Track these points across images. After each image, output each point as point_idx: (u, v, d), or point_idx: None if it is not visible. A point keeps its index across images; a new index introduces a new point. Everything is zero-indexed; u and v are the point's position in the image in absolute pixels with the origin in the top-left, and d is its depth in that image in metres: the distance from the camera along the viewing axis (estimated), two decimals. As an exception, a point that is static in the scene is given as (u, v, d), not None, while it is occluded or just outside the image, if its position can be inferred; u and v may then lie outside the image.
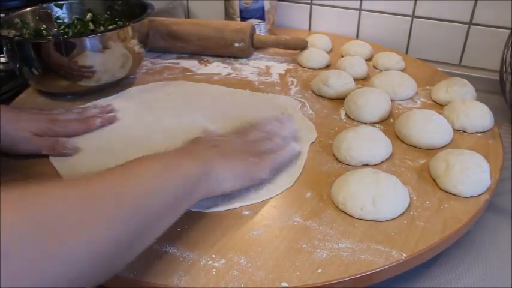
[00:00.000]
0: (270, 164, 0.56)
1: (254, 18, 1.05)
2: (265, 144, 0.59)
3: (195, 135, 0.68)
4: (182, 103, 0.79)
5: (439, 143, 0.66)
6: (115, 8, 0.93)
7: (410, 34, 1.03)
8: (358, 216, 0.52)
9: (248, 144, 0.58)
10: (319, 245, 0.49)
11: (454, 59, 1.00)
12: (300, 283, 0.44)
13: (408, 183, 0.58)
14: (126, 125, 0.73)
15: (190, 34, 0.97)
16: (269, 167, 0.56)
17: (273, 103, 0.79)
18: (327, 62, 0.94)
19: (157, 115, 0.75)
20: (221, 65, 0.95)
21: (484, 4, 0.92)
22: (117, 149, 0.66)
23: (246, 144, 0.57)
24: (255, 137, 0.59)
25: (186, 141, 0.56)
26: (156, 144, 0.66)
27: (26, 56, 0.75)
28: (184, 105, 0.78)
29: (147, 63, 0.96)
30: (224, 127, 0.70)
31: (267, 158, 0.56)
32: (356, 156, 0.61)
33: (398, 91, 0.79)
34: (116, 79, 0.82)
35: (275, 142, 0.59)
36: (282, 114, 0.74)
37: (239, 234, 0.50)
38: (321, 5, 1.10)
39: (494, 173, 0.59)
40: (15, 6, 0.92)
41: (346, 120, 0.74)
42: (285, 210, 0.54)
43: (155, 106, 0.78)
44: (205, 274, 0.45)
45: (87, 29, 0.89)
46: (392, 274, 0.48)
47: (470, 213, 0.53)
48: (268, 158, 0.56)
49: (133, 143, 0.67)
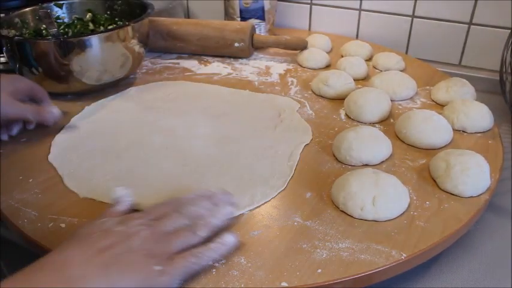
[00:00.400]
0: (181, 272, 0.42)
1: (254, 18, 1.05)
2: (184, 237, 0.44)
3: (195, 136, 0.68)
4: (182, 103, 0.79)
5: (439, 143, 0.66)
6: (115, 8, 0.93)
7: (410, 34, 1.03)
8: (358, 216, 0.52)
9: (158, 238, 0.43)
10: (319, 245, 0.49)
11: (454, 59, 1.00)
12: (300, 283, 0.44)
13: (408, 183, 0.58)
14: (126, 125, 0.73)
15: (190, 34, 0.97)
16: (179, 276, 0.42)
17: (272, 103, 0.79)
18: (327, 62, 0.94)
19: (158, 115, 0.75)
20: (221, 65, 0.95)
21: (484, 4, 0.92)
22: (117, 149, 0.66)
23: (154, 239, 0.43)
24: (173, 225, 0.45)
25: (75, 233, 0.43)
26: (156, 145, 0.67)
27: (26, 56, 0.75)
28: (184, 106, 0.78)
29: (147, 63, 0.96)
30: (223, 127, 0.71)
31: (179, 262, 0.42)
32: (356, 156, 0.61)
33: (398, 91, 0.79)
34: (116, 79, 0.82)
35: (198, 235, 0.45)
36: (280, 116, 0.74)
37: (239, 234, 0.50)
38: (321, 5, 1.10)
39: (494, 173, 0.59)
40: (15, 6, 0.92)
41: (346, 120, 0.74)
42: (285, 210, 0.54)
43: (155, 106, 0.78)
44: (205, 274, 0.45)
45: (87, 29, 0.89)
46: (392, 274, 0.48)
47: (470, 213, 0.53)
48: (181, 263, 0.42)
49: (133, 143, 0.67)
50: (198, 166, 0.62)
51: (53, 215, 0.53)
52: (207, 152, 0.65)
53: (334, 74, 0.81)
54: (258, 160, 0.63)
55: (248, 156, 0.64)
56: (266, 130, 0.71)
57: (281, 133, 0.70)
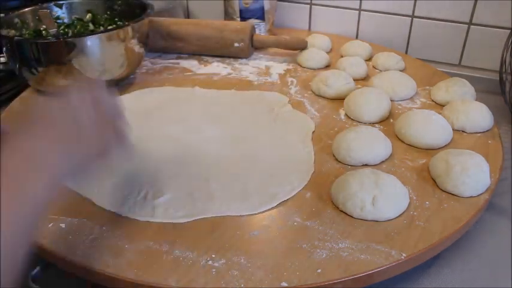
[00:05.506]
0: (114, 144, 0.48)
1: (254, 18, 1.05)
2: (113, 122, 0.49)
3: (206, 141, 0.67)
4: (174, 109, 0.77)
5: (439, 143, 0.66)
6: (115, 8, 0.93)
7: (410, 34, 1.03)
8: (358, 216, 0.52)
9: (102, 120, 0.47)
10: (319, 245, 0.49)
11: (454, 59, 1.00)
12: (299, 283, 0.44)
13: (408, 183, 0.58)
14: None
15: (190, 34, 0.97)
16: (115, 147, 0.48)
17: (261, 99, 0.80)
18: (327, 62, 0.94)
19: (156, 123, 0.73)
20: (221, 65, 0.95)
21: (484, 4, 0.92)
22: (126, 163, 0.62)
23: (101, 120, 0.47)
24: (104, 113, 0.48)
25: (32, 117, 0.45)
26: (171, 153, 0.65)
27: (25, 56, 0.75)
28: (177, 111, 0.76)
29: (147, 63, 0.96)
30: (227, 128, 0.71)
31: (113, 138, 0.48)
32: (356, 157, 0.61)
33: (398, 91, 0.79)
34: (115, 79, 0.82)
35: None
36: (273, 110, 0.75)
37: (239, 234, 0.50)
38: (320, 5, 1.10)
39: (494, 173, 0.59)
40: (15, 6, 0.91)
41: (346, 120, 0.74)
42: (285, 210, 0.54)
43: (149, 114, 0.75)
44: (205, 274, 0.45)
45: (87, 29, 0.89)
46: (392, 274, 0.48)
47: (470, 213, 0.54)
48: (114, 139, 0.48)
49: (145, 154, 0.64)
50: (222, 167, 0.62)
51: (53, 215, 0.53)
52: (225, 153, 0.65)
53: (334, 74, 0.81)
54: (277, 151, 0.65)
55: (265, 149, 0.66)
56: (268, 124, 0.72)
57: (284, 125, 0.72)
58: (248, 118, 0.74)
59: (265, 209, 0.54)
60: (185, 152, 0.65)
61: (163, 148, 0.66)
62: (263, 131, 0.71)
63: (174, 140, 0.68)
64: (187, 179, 0.60)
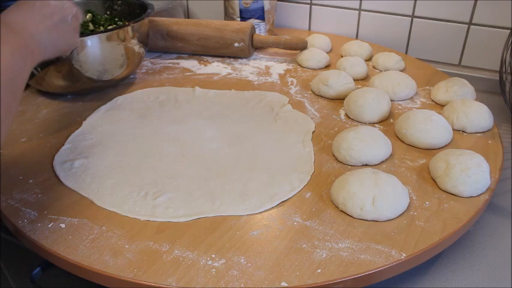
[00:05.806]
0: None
1: (254, 18, 1.05)
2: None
3: (206, 140, 0.68)
4: (173, 109, 0.77)
5: (439, 143, 0.66)
6: (115, 8, 0.93)
7: (410, 34, 1.03)
8: (358, 216, 0.52)
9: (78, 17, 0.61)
10: (319, 245, 0.49)
11: (454, 59, 1.00)
12: (299, 283, 0.44)
13: (408, 183, 0.58)
14: (129, 137, 0.69)
15: (190, 34, 0.97)
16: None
17: (261, 99, 0.80)
18: (327, 62, 0.94)
19: (156, 124, 0.72)
20: (221, 65, 0.95)
21: (483, 4, 0.92)
22: (133, 162, 0.63)
23: (77, 18, 0.61)
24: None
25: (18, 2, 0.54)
26: (171, 154, 0.65)
27: (25, 56, 0.75)
28: (177, 112, 0.76)
29: (147, 63, 0.96)
30: (228, 128, 0.71)
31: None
32: (356, 157, 0.61)
33: (398, 91, 0.79)
34: (115, 79, 0.82)
35: None
36: (273, 110, 0.76)
37: (239, 234, 0.50)
38: (320, 5, 1.10)
39: (494, 173, 0.59)
40: (15, 6, 0.91)
41: (346, 120, 0.74)
42: (285, 210, 0.54)
43: (148, 115, 0.75)
44: (205, 274, 0.45)
45: (87, 29, 0.89)
46: (392, 274, 0.48)
47: (470, 213, 0.54)
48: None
49: (147, 155, 0.64)
50: (222, 167, 0.62)
51: (53, 215, 0.53)
52: (225, 153, 0.65)
53: (334, 74, 0.81)
54: (277, 151, 0.65)
55: (265, 149, 0.66)
56: (268, 124, 0.72)
57: (284, 125, 0.72)
58: (248, 118, 0.74)
59: (265, 209, 0.54)
60: (185, 152, 0.66)
61: (163, 148, 0.66)
62: (263, 131, 0.71)
63: (174, 140, 0.68)
64: (187, 178, 0.60)
